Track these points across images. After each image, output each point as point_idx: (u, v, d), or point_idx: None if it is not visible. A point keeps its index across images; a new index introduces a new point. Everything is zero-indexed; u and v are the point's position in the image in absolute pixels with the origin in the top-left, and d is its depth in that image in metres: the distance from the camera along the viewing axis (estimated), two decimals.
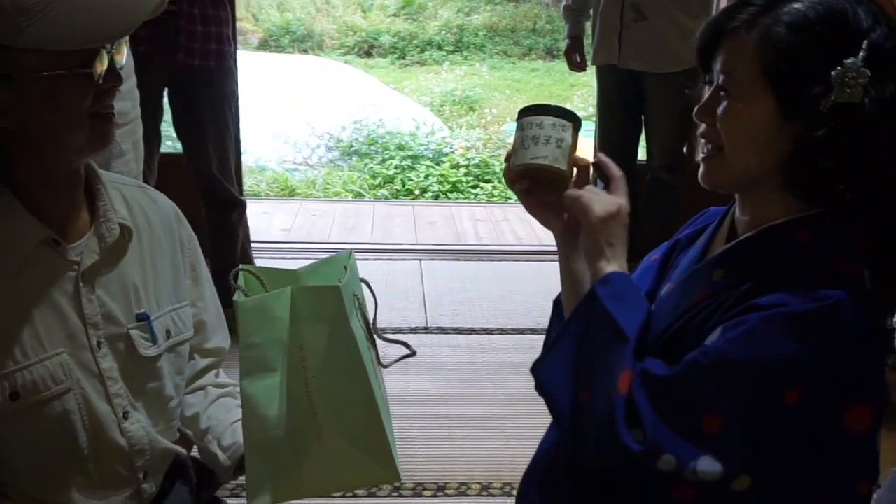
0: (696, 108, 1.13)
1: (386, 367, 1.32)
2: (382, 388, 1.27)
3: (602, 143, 3.86)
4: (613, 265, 1.11)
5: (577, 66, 3.88)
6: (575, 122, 1.19)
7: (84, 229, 1.28)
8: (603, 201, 1.13)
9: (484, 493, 2.42)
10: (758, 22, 1.06)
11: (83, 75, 1.15)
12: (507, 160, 1.21)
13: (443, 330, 3.40)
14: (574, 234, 1.22)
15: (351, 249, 1.35)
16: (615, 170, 1.19)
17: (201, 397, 1.49)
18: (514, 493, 2.34)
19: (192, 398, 1.48)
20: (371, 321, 1.30)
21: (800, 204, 1.09)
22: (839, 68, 1.01)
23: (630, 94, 3.68)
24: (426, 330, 3.37)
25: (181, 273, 1.42)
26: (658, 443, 0.99)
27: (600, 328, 1.07)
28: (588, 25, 3.87)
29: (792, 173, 1.07)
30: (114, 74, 1.19)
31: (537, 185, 1.19)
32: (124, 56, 1.22)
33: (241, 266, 1.29)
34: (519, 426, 2.75)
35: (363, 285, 1.33)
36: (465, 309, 3.60)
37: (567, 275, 1.25)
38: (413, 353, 1.36)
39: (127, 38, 1.24)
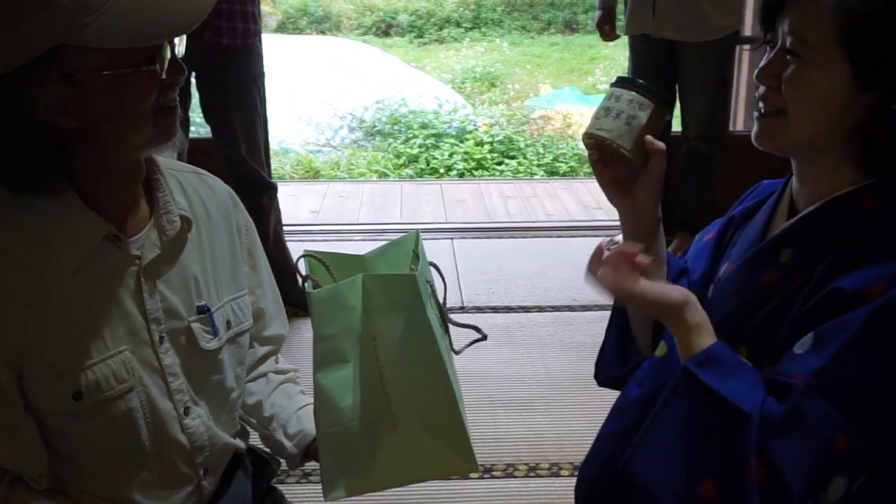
0: (758, 69, 1.07)
1: (458, 353, 1.27)
2: (456, 376, 1.22)
3: None
4: (706, 337, 1.03)
5: (609, 36, 3.80)
6: (659, 103, 1.12)
7: (144, 221, 1.24)
8: (677, 288, 1.08)
9: (531, 474, 2.38)
10: None
11: (147, 72, 1.11)
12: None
13: (479, 309, 3.36)
14: (638, 221, 1.18)
15: (417, 230, 1.30)
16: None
17: (263, 384, 1.46)
18: (562, 472, 2.36)
19: (253, 386, 1.45)
20: (443, 307, 1.25)
21: (862, 173, 1.05)
22: None
23: (664, 64, 3.59)
24: (462, 309, 3.32)
25: (239, 260, 1.38)
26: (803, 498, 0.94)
27: (713, 413, 0.99)
28: None
29: (863, 143, 1.03)
30: (177, 67, 1.14)
31: (609, 158, 1.14)
32: (184, 44, 1.18)
33: (305, 251, 1.25)
34: (562, 405, 2.71)
35: (432, 269, 1.28)
36: (500, 287, 3.56)
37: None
38: (484, 337, 1.32)
39: None
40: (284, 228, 3.37)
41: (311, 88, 7.65)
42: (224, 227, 1.35)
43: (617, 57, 9.28)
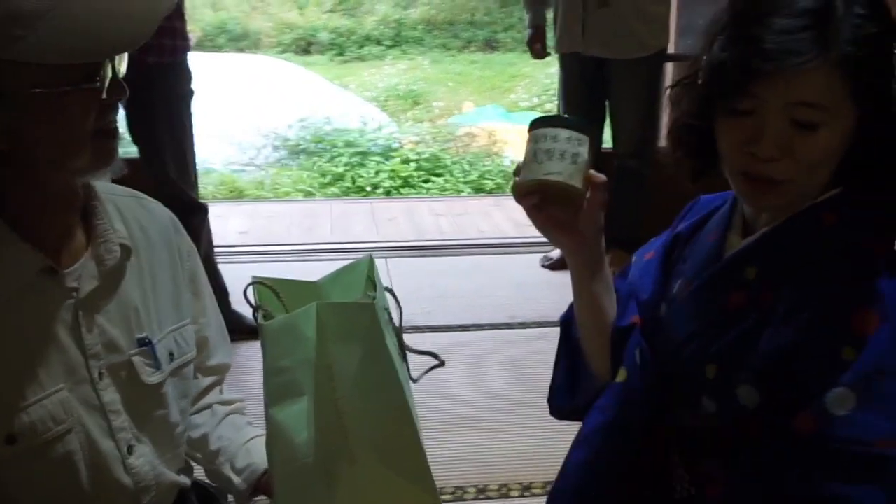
0: (760, 145, 1.00)
1: (416, 381, 1.23)
2: (414, 405, 1.18)
3: None
4: None
5: (541, 54, 3.82)
6: (591, 135, 1.10)
7: (80, 251, 1.16)
8: None
9: (481, 496, 2.35)
10: (826, 44, 0.96)
11: (87, 91, 1.03)
12: (515, 174, 1.12)
13: (417, 328, 3.31)
14: (587, 254, 1.16)
15: (370, 255, 1.26)
16: None
17: (208, 416, 1.40)
18: (511, 494, 2.33)
19: (198, 418, 1.39)
20: (401, 334, 1.21)
21: (821, 188, 1.05)
22: None
23: (594, 82, 3.64)
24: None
25: (182, 288, 1.32)
26: None
27: None
28: (549, 14, 3.81)
29: (849, 166, 1.03)
30: (118, 87, 1.07)
31: (548, 201, 1.11)
32: (125, 64, 1.10)
33: (254, 278, 1.19)
34: (506, 425, 2.69)
35: (387, 294, 1.24)
36: (437, 306, 3.52)
37: (584, 296, 1.19)
38: (442, 364, 1.29)
39: None
40: (214, 250, 3.28)
41: (233, 107, 7.50)
42: (165, 253, 1.29)
43: (537, 75, 9.39)
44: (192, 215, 3.03)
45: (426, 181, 6.30)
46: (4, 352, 1.08)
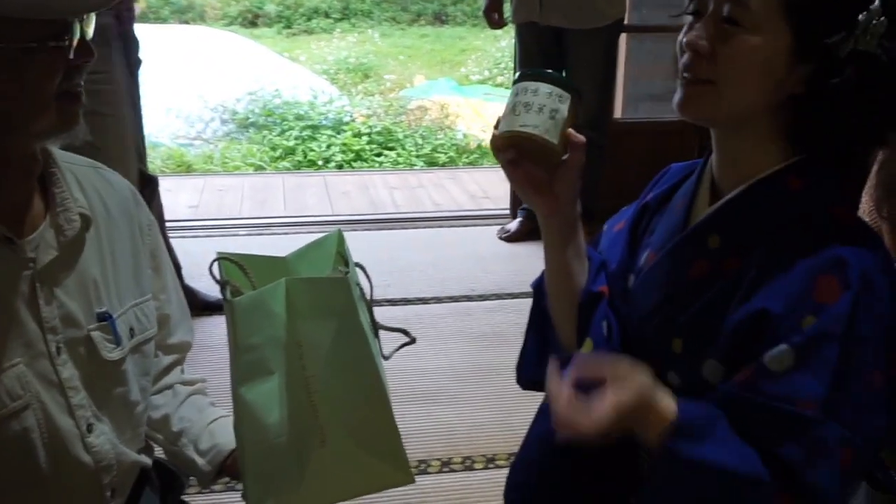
0: (688, 37, 1.01)
1: (387, 358, 1.20)
2: (387, 383, 1.15)
3: None
4: (669, 402, 0.96)
5: (498, 23, 3.78)
6: (574, 94, 1.07)
7: (39, 220, 1.10)
8: (644, 370, 0.98)
9: (445, 469, 2.33)
10: None
11: (54, 50, 0.98)
12: (495, 126, 1.09)
13: (376, 302, 3.21)
14: (561, 218, 1.12)
15: (339, 229, 1.22)
16: None
17: (170, 397, 1.35)
18: (475, 466, 2.32)
19: (159, 398, 1.34)
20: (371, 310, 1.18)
21: (784, 151, 1.03)
22: (865, 13, 0.94)
23: (551, 52, 3.60)
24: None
25: (142, 263, 1.26)
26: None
27: (712, 484, 0.94)
28: None
29: (793, 118, 1.01)
30: (87, 49, 1.02)
31: (525, 156, 1.08)
32: (93, 26, 1.05)
33: (219, 253, 1.14)
34: (468, 397, 2.67)
35: (358, 270, 1.20)
36: (395, 279, 3.49)
37: (555, 262, 1.16)
38: (413, 341, 1.25)
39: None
40: (165, 224, 3.19)
41: (179, 80, 7.35)
42: (125, 226, 1.23)
43: (488, 48, 9.35)
44: (143, 188, 2.93)
45: (378, 155, 6.25)
46: None
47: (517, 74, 1.09)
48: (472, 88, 8.15)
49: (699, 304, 1.04)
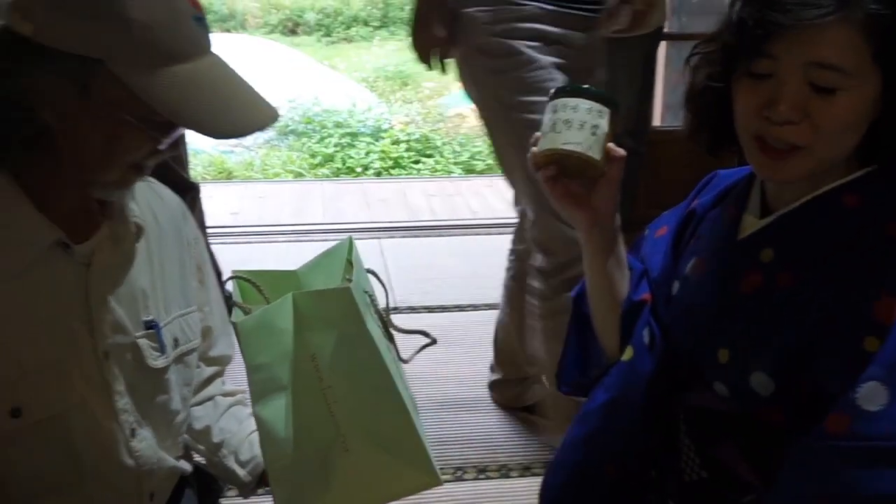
0: (777, 107, 0.97)
1: (406, 361, 1.21)
2: (408, 387, 1.17)
3: None
4: None
5: None
6: (613, 108, 1.08)
7: (94, 228, 1.14)
8: None
9: (481, 476, 2.33)
10: (849, 5, 0.94)
11: (151, 137, 1.04)
12: (532, 144, 1.10)
13: (413, 309, 3.29)
14: (602, 230, 1.14)
15: (350, 237, 1.24)
16: None
17: (210, 409, 1.38)
18: (512, 473, 2.31)
19: (200, 410, 1.37)
20: (385, 315, 1.19)
21: (844, 169, 1.02)
22: None
23: None
24: (395, 310, 3.22)
25: (188, 275, 1.30)
26: None
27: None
28: None
29: (868, 138, 0.99)
30: (175, 144, 1.09)
31: (565, 172, 1.09)
32: None
33: (234, 272, 1.16)
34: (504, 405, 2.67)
35: (370, 276, 1.22)
36: (432, 286, 3.50)
37: (597, 274, 1.17)
38: (433, 342, 1.26)
39: None
40: (206, 231, 3.23)
41: None
42: (174, 239, 1.27)
43: None
44: (185, 195, 2.94)
45: (416, 162, 6.26)
46: (13, 323, 1.06)
47: (553, 90, 1.09)
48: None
49: (750, 316, 1.04)
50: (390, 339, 1.18)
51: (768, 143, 1.00)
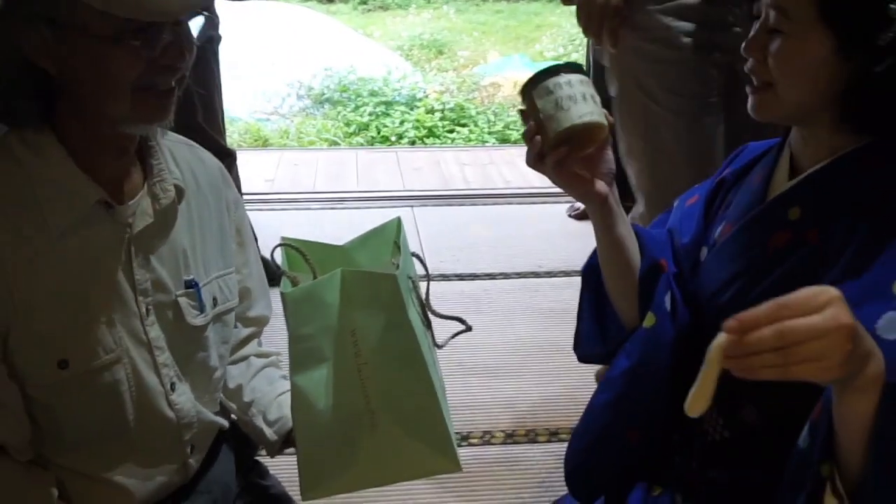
0: (743, 44, 1.09)
1: (440, 347, 1.24)
2: (439, 372, 1.19)
3: (596, 80, 3.77)
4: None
5: (570, 0, 3.75)
6: (587, 74, 1.12)
7: (136, 188, 1.18)
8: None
9: (509, 441, 2.38)
10: None
11: (130, 47, 1.04)
12: (529, 138, 1.12)
13: (445, 276, 3.33)
14: (607, 197, 1.16)
15: (399, 218, 1.25)
16: None
17: (244, 368, 1.42)
18: (539, 439, 2.35)
19: (234, 369, 1.41)
20: (425, 300, 1.21)
21: (860, 134, 1.06)
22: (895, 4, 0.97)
23: None
24: (427, 277, 3.27)
25: (228, 237, 1.34)
26: None
27: None
28: None
29: (848, 107, 1.04)
30: (175, 52, 1.07)
31: (578, 144, 1.11)
32: (191, 30, 1.11)
33: (283, 239, 1.19)
34: (533, 372, 2.71)
35: (414, 259, 1.24)
36: (464, 254, 3.53)
37: (610, 240, 1.19)
38: (469, 329, 1.28)
39: None
40: (242, 197, 3.29)
41: (257, 55, 7.47)
42: (214, 201, 1.30)
43: (563, 24, 9.26)
44: (221, 161, 3.02)
45: (451, 131, 6.26)
46: (61, 278, 1.11)
47: (531, 79, 1.12)
48: (546, 65, 8.09)
49: (778, 273, 1.07)
50: (428, 325, 1.20)
51: (751, 81, 1.11)
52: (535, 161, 1.13)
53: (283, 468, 2.12)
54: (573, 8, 3.77)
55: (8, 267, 1.08)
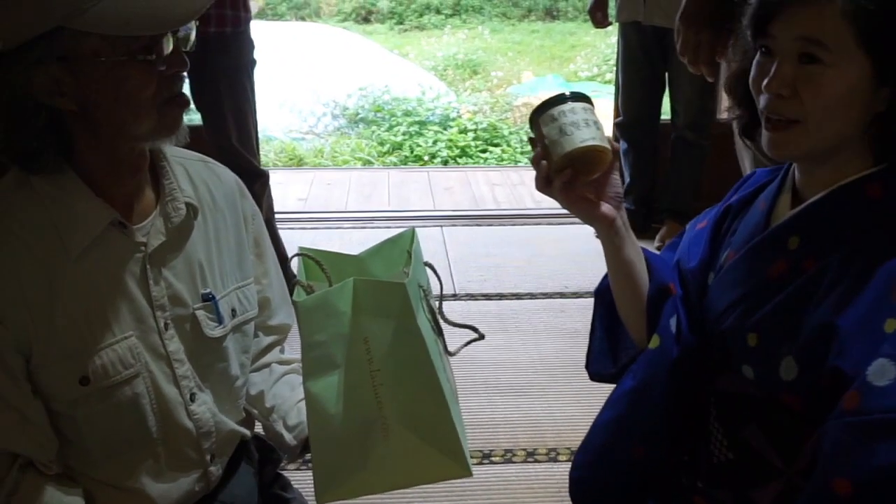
0: (768, 79, 1.06)
1: (453, 354, 1.26)
2: (451, 379, 1.22)
3: (625, 103, 3.80)
4: None
5: (602, 23, 3.80)
6: (591, 102, 1.16)
7: (149, 209, 1.24)
8: None
9: (530, 460, 2.40)
10: None
11: (144, 62, 1.10)
12: (536, 162, 1.15)
13: (472, 296, 3.36)
14: (616, 221, 1.18)
15: (413, 228, 1.28)
16: None
17: (266, 375, 1.46)
18: (560, 458, 2.38)
19: (256, 376, 1.45)
20: (437, 309, 1.24)
21: (866, 161, 1.07)
22: None
23: (654, 52, 3.61)
24: (454, 296, 3.33)
25: (245, 249, 1.38)
26: None
27: None
28: None
29: (880, 134, 1.05)
30: (179, 60, 1.13)
31: (582, 170, 1.14)
32: (193, 35, 1.17)
33: (300, 248, 1.24)
34: (557, 391, 2.73)
35: (427, 268, 1.27)
36: (491, 274, 3.57)
37: (619, 263, 1.21)
38: (481, 337, 1.32)
39: None
40: (274, 216, 3.36)
41: (293, 75, 7.60)
42: (230, 215, 1.35)
43: (598, 44, 9.29)
44: (254, 181, 3.09)
45: (483, 151, 6.32)
46: (79, 299, 1.16)
47: (536, 108, 1.15)
48: (580, 85, 8.13)
49: (776, 301, 1.09)
50: (439, 332, 1.23)
51: (771, 119, 1.08)
52: (542, 185, 1.16)
53: (306, 483, 2.18)
54: (609, 29, 3.80)
55: (28, 292, 1.14)
